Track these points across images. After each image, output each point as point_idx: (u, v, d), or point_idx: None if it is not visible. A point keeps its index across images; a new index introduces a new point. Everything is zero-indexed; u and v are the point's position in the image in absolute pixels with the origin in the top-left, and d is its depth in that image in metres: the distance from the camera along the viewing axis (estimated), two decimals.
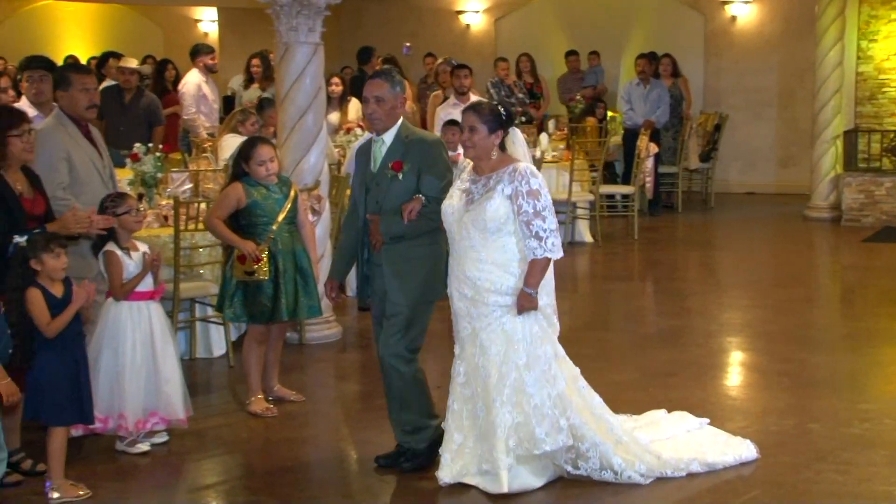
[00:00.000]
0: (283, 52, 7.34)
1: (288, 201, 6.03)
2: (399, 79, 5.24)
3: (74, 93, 5.82)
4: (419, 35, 17.08)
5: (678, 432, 5.45)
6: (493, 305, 4.88)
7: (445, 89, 10.95)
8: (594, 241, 11.75)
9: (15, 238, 4.88)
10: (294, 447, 5.72)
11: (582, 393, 5.07)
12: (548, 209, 4.86)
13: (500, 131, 4.94)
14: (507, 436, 4.84)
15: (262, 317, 6.02)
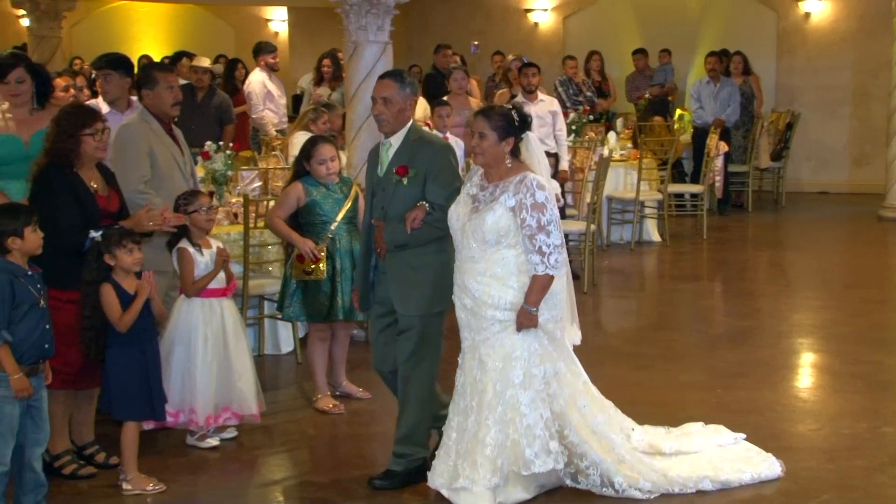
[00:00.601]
0: (352, 50, 7.40)
1: (348, 201, 6.06)
2: (410, 80, 5.05)
3: (160, 91, 5.91)
4: (487, 33, 17.08)
5: (708, 447, 5.22)
6: (492, 320, 4.70)
7: (513, 87, 10.92)
8: (662, 240, 11.64)
9: (91, 233, 4.98)
10: (360, 444, 5.76)
11: (583, 411, 4.85)
12: (553, 223, 4.65)
13: (510, 138, 4.72)
14: (495, 455, 4.66)
15: (320, 316, 6.06)
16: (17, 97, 5.82)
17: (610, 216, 11.45)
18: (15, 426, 4.59)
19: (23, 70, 5.81)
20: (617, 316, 9.20)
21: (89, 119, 5.13)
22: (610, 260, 10.80)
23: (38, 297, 4.64)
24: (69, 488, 5.11)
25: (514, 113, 4.76)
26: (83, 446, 5.38)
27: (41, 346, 4.64)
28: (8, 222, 4.57)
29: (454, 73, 10.53)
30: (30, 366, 4.61)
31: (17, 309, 4.55)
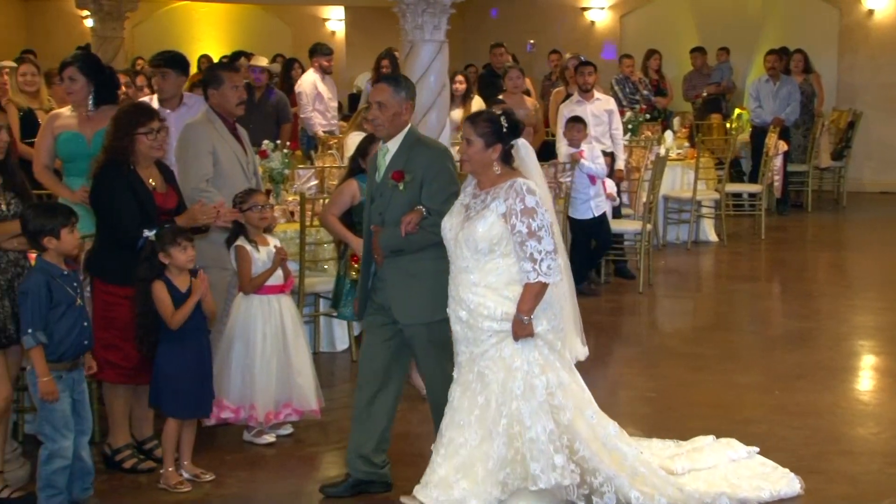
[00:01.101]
0: (409, 49, 7.41)
1: None
2: (406, 84, 4.94)
3: (225, 91, 5.96)
4: (543, 32, 17.01)
5: (721, 461, 5.05)
6: (488, 331, 4.55)
7: (570, 86, 10.88)
8: (719, 240, 11.52)
9: (144, 232, 5.05)
10: (415, 441, 5.76)
11: (591, 423, 4.66)
12: (544, 229, 4.47)
13: (498, 145, 4.57)
14: (498, 468, 4.52)
15: None
16: (71, 95, 5.96)
17: (666, 216, 11.35)
18: (69, 420, 4.69)
19: (74, 69, 5.94)
20: (673, 316, 9.12)
21: (145, 118, 5.19)
22: (666, 260, 10.71)
23: (75, 296, 4.71)
24: (129, 482, 5.19)
25: (503, 119, 4.61)
26: (143, 441, 5.46)
27: (80, 344, 4.73)
28: (45, 222, 4.64)
29: (509, 72, 10.51)
30: (71, 361, 4.71)
31: (55, 309, 4.62)
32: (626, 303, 9.11)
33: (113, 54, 10.00)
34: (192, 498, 5.02)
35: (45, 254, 4.66)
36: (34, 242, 4.66)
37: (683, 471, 4.90)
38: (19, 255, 4.81)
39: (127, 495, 5.03)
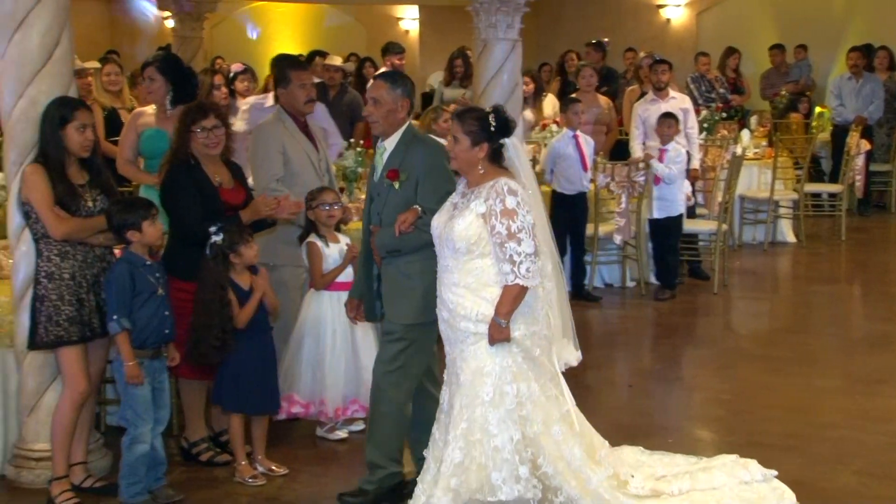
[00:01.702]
0: (482, 48, 7.42)
1: None
2: (403, 82, 4.87)
3: (293, 89, 6.01)
4: (618, 30, 16.87)
5: (729, 483, 4.77)
6: (465, 332, 4.43)
7: (644, 84, 10.79)
8: (797, 241, 11.33)
9: (212, 237, 5.09)
10: None
11: (556, 440, 4.46)
12: (524, 231, 4.33)
13: (484, 144, 4.43)
14: (450, 474, 4.36)
15: None
16: (150, 94, 6.09)
17: (742, 216, 11.20)
18: (149, 407, 4.81)
19: (153, 69, 6.07)
20: (748, 318, 8.99)
21: (199, 116, 5.26)
22: (742, 260, 10.56)
23: (157, 286, 4.83)
24: (205, 475, 5.28)
25: (492, 117, 4.47)
26: (219, 433, 5.55)
27: (161, 332, 4.84)
28: (127, 216, 4.78)
29: (582, 70, 10.46)
30: (153, 349, 4.82)
31: (138, 297, 4.75)
32: (700, 304, 9.01)
33: (192, 54, 10.18)
34: (265, 492, 5.09)
35: (130, 246, 4.80)
36: (119, 236, 4.81)
37: (680, 492, 4.66)
38: (105, 251, 4.93)
39: (203, 488, 5.11)
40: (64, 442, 4.82)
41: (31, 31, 4.85)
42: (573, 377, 7.00)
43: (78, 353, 4.81)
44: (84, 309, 4.80)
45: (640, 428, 5.94)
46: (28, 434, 5.08)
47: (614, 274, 9.50)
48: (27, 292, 4.89)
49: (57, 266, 4.78)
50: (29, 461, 5.06)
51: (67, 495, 4.80)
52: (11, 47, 4.86)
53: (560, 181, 8.71)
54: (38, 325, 4.77)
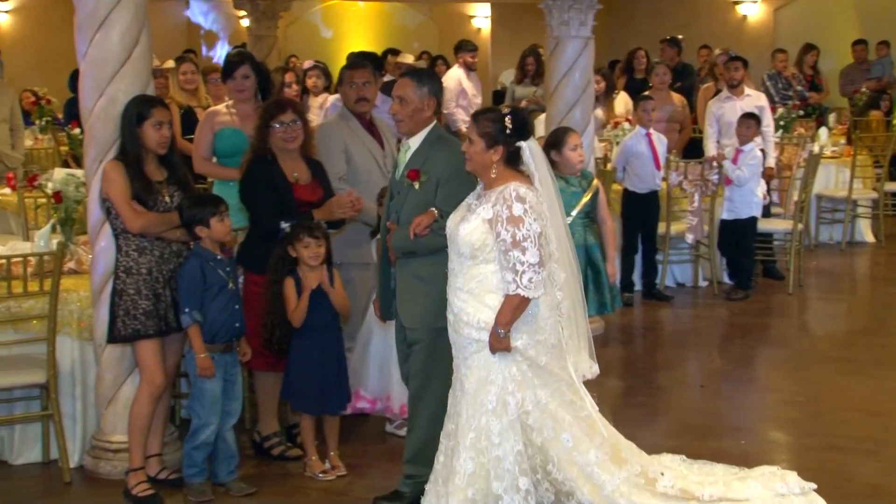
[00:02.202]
0: (554, 46, 7.39)
1: (586, 194, 6.01)
2: (430, 80, 4.77)
3: (345, 88, 6.12)
4: (692, 27, 16.68)
5: (763, 494, 4.62)
6: (468, 339, 4.33)
7: (719, 82, 10.66)
8: (876, 241, 11.11)
9: (282, 224, 5.20)
10: None
11: (566, 447, 4.35)
12: (530, 240, 4.18)
13: (499, 147, 4.30)
14: (466, 484, 4.29)
15: None
16: (242, 93, 6.16)
17: (819, 215, 11.00)
18: (217, 401, 4.90)
19: (248, 67, 6.14)
20: (824, 319, 8.82)
21: (277, 111, 5.33)
22: (818, 260, 10.38)
23: (227, 280, 4.91)
24: (277, 468, 5.34)
25: (508, 119, 4.33)
26: (292, 426, 5.61)
27: (232, 326, 4.91)
28: (196, 212, 4.86)
29: (656, 67, 10.37)
30: (224, 343, 4.90)
31: (208, 291, 4.84)
32: (775, 304, 8.87)
33: (267, 52, 10.31)
34: (335, 487, 5.14)
35: (200, 241, 4.88)
36: (189, 231, 4.89)
37: (710, 499, 4.54)
38: (182, 247, 5.02)
39: (274, 482, 5.17)
40: (140, 434, 4.92)
41: (112, 30, 4.95)
42: (644, 376, 6.99)
43: (154, 346, 4.90)
44: (160, 303, 4.89)
45: (711, 429, 5.88)
46: (106, 426, 5.19)
47: (686, 273, 9.42)
48: (106, 287, 5.00)
49: (135, 261, 4.88)
50: (107, 452, 5.17)
51: (143, 486, 4.90)
52: (92, 47, 4.97)
53: (632, 179, 8.65)
54: (116, 319, 4.88)
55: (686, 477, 4.70)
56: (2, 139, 9.13)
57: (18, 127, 9.41)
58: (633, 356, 7.50)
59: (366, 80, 6.12)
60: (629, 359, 7.40)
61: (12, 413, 5.30)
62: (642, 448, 5.49)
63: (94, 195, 5.04)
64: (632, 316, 8.45)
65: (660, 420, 6.17)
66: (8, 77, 10.21)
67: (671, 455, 5.07)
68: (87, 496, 5.04)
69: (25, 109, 10.97)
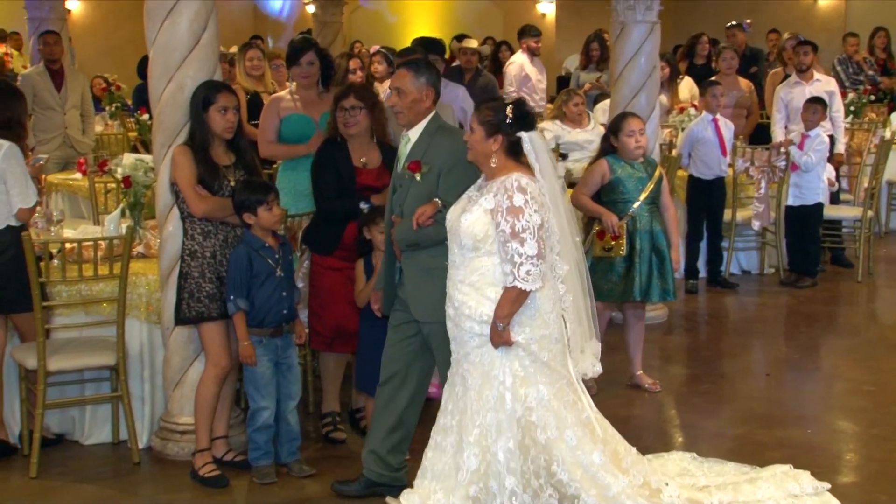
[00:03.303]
0: (619, 30, 7.33)
1: (651, 181, 5.98)
2: (428, 70, 4.69)
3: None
4: (760, 11, 16.38)
5: (776, 496, 4.52)
6: (470, 333, 4.25)
7: (788, 67, 10.49)
8: None
9: (361, 203, 5.24)
10: (617, 426, 5.72)
11: (570, 445, 4.22)
12: (529, 231, 4.09)
13: (499, 136, 4.23)
14: (469, 481, 4.23)
15: (611, 295, 6.04)
16: (307, 79, 6.19)
17: (889, 202, 10.78)
18: (269, 383, 4.96)
19: (313, 54, 6.18)
20: (894, 307, 8.66)
21: (341, 96, 5.38)
22: (888, 248, 10.18)
23: (276, 268, 4.94)
24: (341, 451, 5.38)
25: (509, 108, 4.27)
26: (356, 410, 5.66)
27: (279, 312, 4.96)
28: (244, 198, 4.90)
29: (724, 52, 10.22)
30: (272, 328, 4.95)
31: (255, 279, 4.89)
32: (843, 292, 8.72)
33: (332, 38, 10.38)
34: None
35: (250, 228, 4.93)
36: (238, 216, 4.94)
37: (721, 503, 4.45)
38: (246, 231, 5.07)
39: (337, 465, 5.19)
40: (206, 416, 5.00)
41: (180, 17, 5.01)
42: (708, 364, 6.94)
43: (219, 329, 4.97)
44: (224, 286, 4.95)
45: (776, 418, 5.81)
46: (173, 407, 5.29)
47: (752, 260, 9.31)
48: (173, 270, 5.08)
49: (200, 244, 4.95)
50: (174, 434, 5.27)
51: (210, 467, 4.98)
52: (161, 34, 5.04)
53: (697, 166, 8.55)
54: (182, 302, 4.96)
55: (695, 485, 4.59)
56: (73, 125, 9.34)
57: (89, 113, 9.61)
58: (697, 344, 7.43)
59: None
60: (693, 346, 7.34)
61: (83, 394, 5.43)
62: (708, 436, 5.49)
63: (163, 180, 5.12)
64: (696, 303, 8.37)
65: (724, 408, 6.11)
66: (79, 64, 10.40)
67: (681, 452, 4.99)
68: (156, 476, 5.13)
69: (96, 96, 11.18)
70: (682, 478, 4.68)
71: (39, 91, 9.09)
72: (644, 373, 6.33)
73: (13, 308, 5.20)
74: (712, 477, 4.73)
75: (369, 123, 5.37)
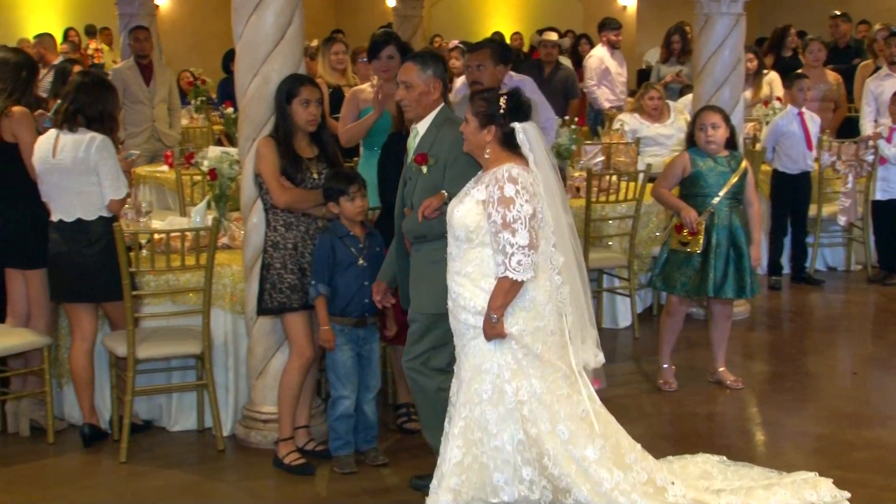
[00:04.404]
0: (703, 23, 7.23)
1: (734, 176, 5.90)
2: (433, 62, 4.70)
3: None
4: (850, 2, 16.02)
5: (791, 502, 4.39)
6: (466, 324, 4.21)
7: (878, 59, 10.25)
8: None
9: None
10: (696, 422, 5.69)
11: (562, 440, 4.14)
12: (520, 221, 4.05)
13: (492, 126, 4.19)
14: (451, 473, 4.17)
15: (683, 289, 5.99)
16: (387, 72, 6.23)
17: None
18: (350, 373, 5.02)
19: (393, 48, 6.21)
20: None
21: None
22: None
23: (358, 257, 4.99)
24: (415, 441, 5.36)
25: (503, 99, 4.23)
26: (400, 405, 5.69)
27: (361, 301, 5.00)
28: (329, 187, 4.98)
29: (810, 44, 10.03)
30: (355, 318, 5.00)
31: (337, 266, 4.95)
32: None
33: (412, 32, 10.43)
34: None
35: (338, 217, 5.00)
36: (325, 205, 5.02)
37: None
38: (328, 223, 5.14)
39: (413, 456, 5.22)
40: (290, 405, 5.08)
41: (266, 12, 5.08)
42: (792, 362, 6.83)
43: (302, 319, 5.04)
44: (305, 278, 5.02)
45: (863, 417, 5.70)
46: (256, 396, 5.38)
47: (838, 257, 9.13)
48: (256, 262, 5.16)
49: (282, 236, 5.03)
50: (257, 422, 5.36)
51: (294, 456, 5.06)
52: (248, 29, 5.12)
53: (782, 160, 8.42)
54: (264, 292, 5.04)
55: (709, 487, 4.47)
56: (161, 118, 9.53)
57: (176, 107, 9.80)
58: (781, 341, 7.32)
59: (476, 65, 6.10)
60: (777, 344, 7.23)
61: (170, 382, 5.56)
62: (791, 435, 5.41)
63: (248, 172, 5.21)
64: (780, 300, 8.25)
65: (809, 407, 6.01)
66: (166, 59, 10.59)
67: (708, 455, 4.86)
68: (240, 463, 5.23)
69: (182, 89, 11.39)
70: (702, 480, 4.58)
71: (129, 85, 9.29)
72: (726, 369, 6.26)
73: (105, 297, 5.33)
74: (734, 481, 4.62)
75: None
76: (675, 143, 8.79)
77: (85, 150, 5.22)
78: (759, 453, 5.34)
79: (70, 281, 5.29)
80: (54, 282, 5.35)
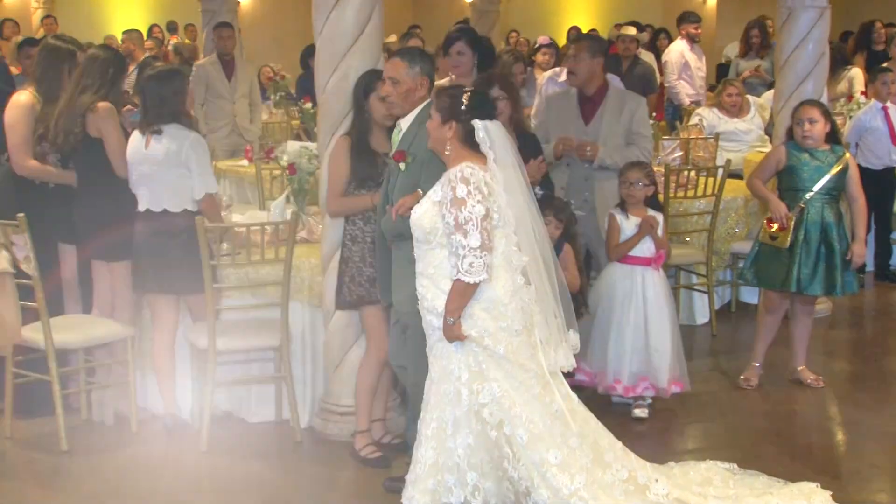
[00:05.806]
0: (786, 17, 7.11)
1: (831, 170, 5.80)
2: (421, 58, 4.65)
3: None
4: None
5: None
6: (430, 326, 4.17)
7: None
8: None
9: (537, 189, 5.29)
10: (775, 420, 5.61)
11: (521, 443, 4.07)
12: (472, 223, 3.97)
13: (452, 122, 4.12)
14: (426, 475, 4.14)
15: (771, 283, 5.93)
16: (457, 69, 6.26)
17: None
18: None
19: (463, 44, 6.23)
20: None
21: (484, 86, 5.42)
22: None
23: None
24: None
25: (465, 95, 4.17)
26: None
27: None
28: None
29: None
30: None
31: None
32: None
33: (489, 27, 10.42)
34: None
35: None
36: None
37: None
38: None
39: None
40: (367, 398, 5.12)
41: (347, 7, 5.12)
42: (874, 361, 6.71)
43: (380, 313, 5.06)
44: None
45: None
46: (333, 389, 5.43)
47: None
48: (334, 256, 5.21)
49: (361, 230, 5.07)
50: (334, 415, 5.42)
51: (371, 448, 5.11)
52: (328, 24, 5.17)
53: (865, 156, 8.26)
54: (343, 286, 5.09)
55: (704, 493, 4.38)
56: (242, 114, 9.67)
57: (257, 102, 9.94)
58: (863, 340, 7.19)
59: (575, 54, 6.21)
60: (858, 342, 7.10)
61: (249, 374, 5.64)
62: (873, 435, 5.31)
63: (326, 167, 5.26)
64: (862, 298, 8.09)
65: (891, 407, 5.89)
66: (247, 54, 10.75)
67: (714, 462, 4.75)
68: (317, 455, 5.29)
69: (262, 84, 11.54)
70: (703, 487, 4.48)
71: (212, 81, 9.45)
72: (806, 368, 6.16)
73: (186, 289, 5.43)
74: (736, 489, 4.51)
75: (511, 113, 5.40)
76: (754, 140, 8.67)
77: (178, 144, 5.32)
78: (839, 453, 5.27)
79: (153, 273, 5.39)
80: (137, 273, 5.47)
